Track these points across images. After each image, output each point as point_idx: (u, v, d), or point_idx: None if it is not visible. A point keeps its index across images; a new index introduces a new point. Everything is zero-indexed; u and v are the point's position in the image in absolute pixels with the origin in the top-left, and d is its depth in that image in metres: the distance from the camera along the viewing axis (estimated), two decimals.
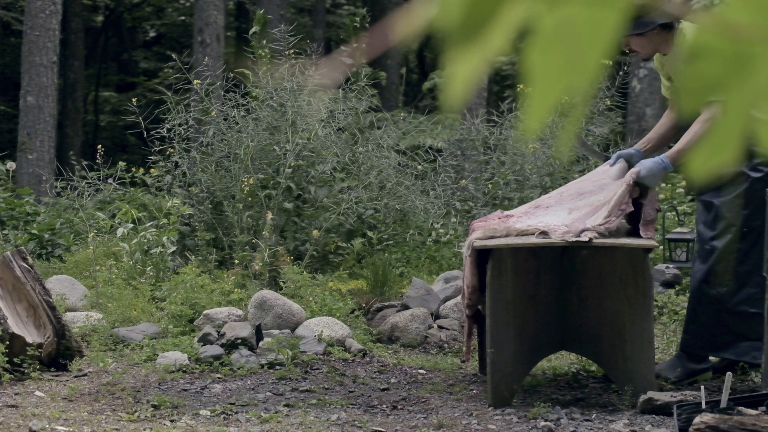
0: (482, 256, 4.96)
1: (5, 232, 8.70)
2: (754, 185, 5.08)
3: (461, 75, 0.77)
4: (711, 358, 5.37)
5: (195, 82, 8.25)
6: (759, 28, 0.79)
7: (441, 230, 8.38)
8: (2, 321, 5.42)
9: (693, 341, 5.28)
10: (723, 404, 4.04)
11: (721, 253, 5.11)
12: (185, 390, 5.25)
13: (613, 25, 0.78)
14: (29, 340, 5.47)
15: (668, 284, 7.05)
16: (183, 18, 23.72)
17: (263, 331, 6.03)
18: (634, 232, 4.97)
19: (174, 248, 7.43)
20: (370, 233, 7.99)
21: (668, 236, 7.07)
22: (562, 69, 0.78)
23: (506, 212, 5.36)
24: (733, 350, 5.20)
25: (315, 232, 7.55)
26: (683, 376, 5.30)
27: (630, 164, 5.17)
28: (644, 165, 5.02)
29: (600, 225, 4.85)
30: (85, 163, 9.93)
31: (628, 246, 4.81)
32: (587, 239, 4.74)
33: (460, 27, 0.77)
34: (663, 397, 4.67)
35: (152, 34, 25.55)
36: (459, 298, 6.50)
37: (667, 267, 7.07)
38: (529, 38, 0.78)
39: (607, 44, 0.78)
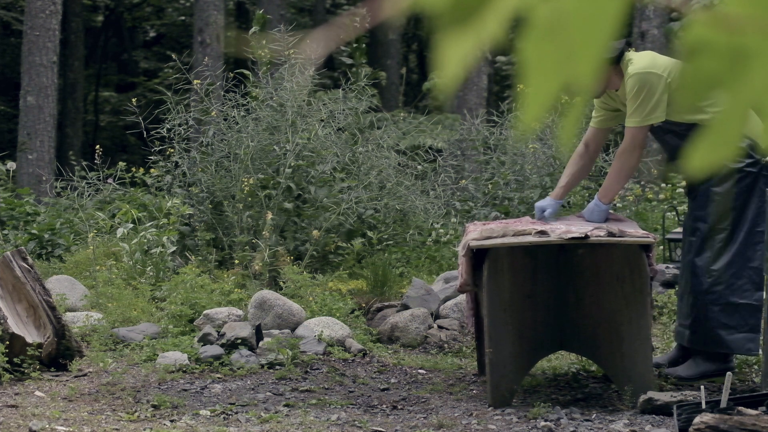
0: (478, 256, 4.96)
1: (5, 232, 8.69)
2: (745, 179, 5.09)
3: (452, 59, 0.76)
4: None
5: (195, 82, 8.24)
6: (755, 19, 0.79)
7: (441, 230, 8.37)
8: (2, 321, 5.42)
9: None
10: (723, 404, 4.03)
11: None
12: (185, 390, 5.24)
13: (612, 16, 0.77)
14: (29, 340, 5.46)
15: (668, 284, 7.04)
16: (183, 18, 23.70)
17: (263, 331, 6.03)
18: None
19: (174, 248, 7.42)
20: (370, 233, 7.98)
21: (668, 236, 7.06)
22: (558, 61, 0.76)
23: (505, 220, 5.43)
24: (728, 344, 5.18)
25: (315, 232, 7.54)
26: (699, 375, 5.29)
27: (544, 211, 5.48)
28: (590, 213, 5.29)
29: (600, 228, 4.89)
30: (85, 163, 9.92)
31: (624, 243, 4.81)
32: (583, 235, 4.75)
33: (450, 9, 0.76)
34: (663, 397, 4.67)
35: (152, 34, 25.54)
36: (459, 296, 6.50)
37: (667, 267, 7.06)
38: (523, 29, 0.77)
39: (606, 36, 0.77)
